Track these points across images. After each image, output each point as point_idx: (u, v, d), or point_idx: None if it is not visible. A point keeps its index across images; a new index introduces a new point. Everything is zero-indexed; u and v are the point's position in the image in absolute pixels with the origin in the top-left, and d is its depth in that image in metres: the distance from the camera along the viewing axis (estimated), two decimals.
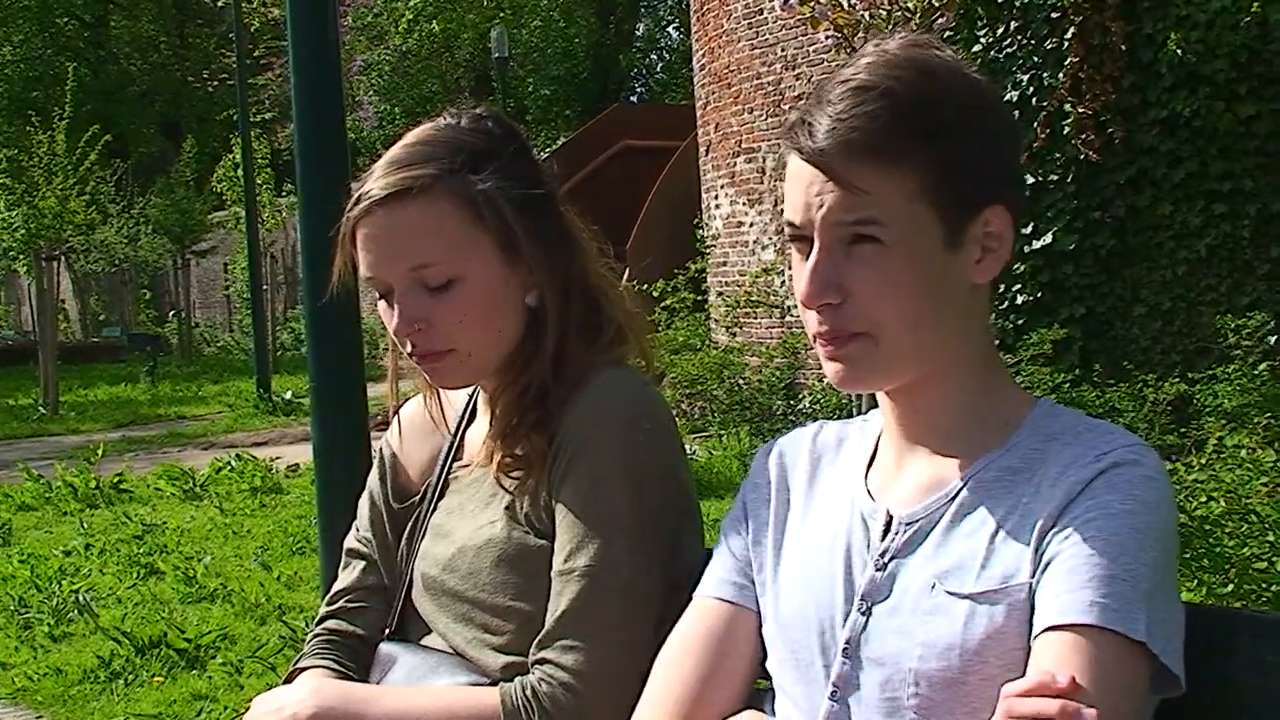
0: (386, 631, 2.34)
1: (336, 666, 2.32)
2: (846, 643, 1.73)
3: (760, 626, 1.89)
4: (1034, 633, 1.57)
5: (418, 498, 2.37)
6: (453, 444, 2.37)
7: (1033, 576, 1.60)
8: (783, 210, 1.77)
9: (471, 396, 2.40)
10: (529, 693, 2.02)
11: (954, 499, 1.71)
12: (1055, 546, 1.59)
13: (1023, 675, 1.48)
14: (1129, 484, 1.60)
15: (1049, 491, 1.64)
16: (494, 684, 2.08)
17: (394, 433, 2.47)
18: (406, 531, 2.36)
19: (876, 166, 1.65)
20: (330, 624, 2.39)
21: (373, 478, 2.47)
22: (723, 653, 1.88)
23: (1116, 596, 1.53)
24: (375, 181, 2.14)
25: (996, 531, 1.65)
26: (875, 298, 1.68)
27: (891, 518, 1.76)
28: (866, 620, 1.72)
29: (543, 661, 2.04)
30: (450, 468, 2.35)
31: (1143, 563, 1.55)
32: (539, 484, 2.14)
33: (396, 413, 2.51)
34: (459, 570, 2.19)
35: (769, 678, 1.88)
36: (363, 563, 2.42)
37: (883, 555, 1.74)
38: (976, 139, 1.70)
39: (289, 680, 2.31)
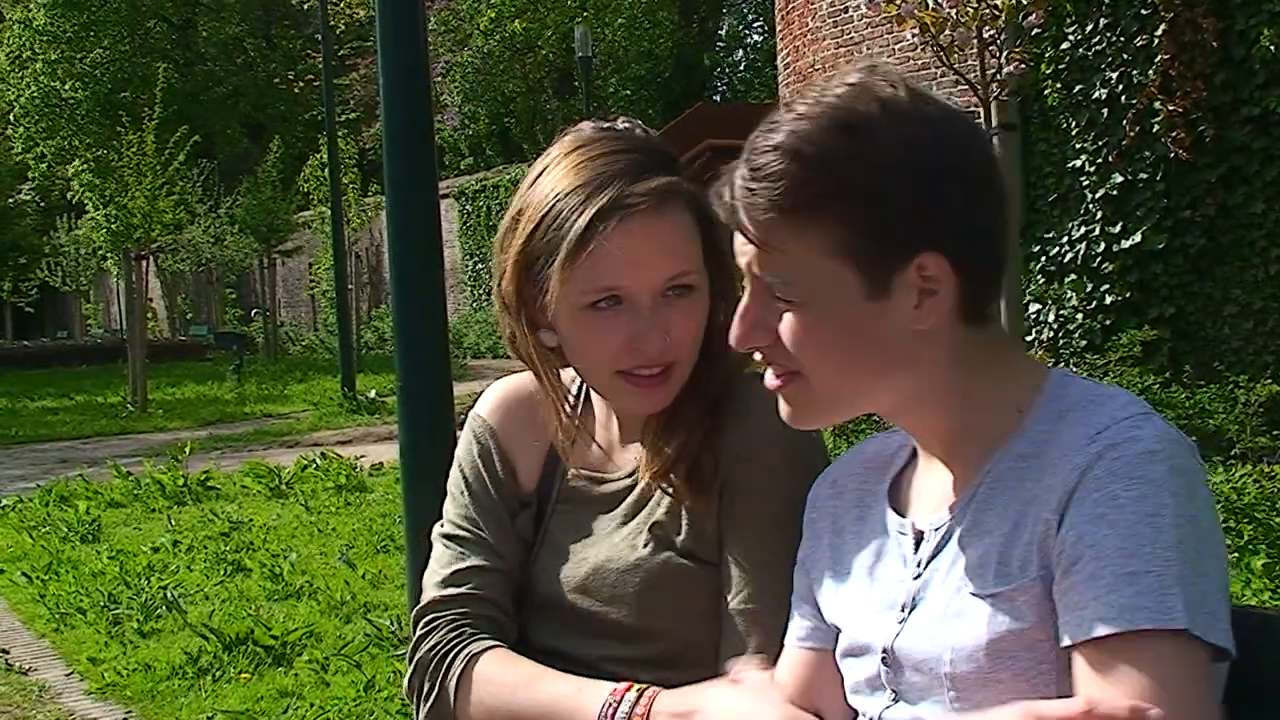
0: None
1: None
2: (885, 651, 1.73)
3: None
4: (1066, 643, 1.54)
5: (528, 503, 2.23)
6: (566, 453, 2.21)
7: (1043, 570, 1.58)
8: None
9: (579, 403, 2.25)
10: None
11: (973, 498, 1.70)
12: (1072, 549, 1.55)
13: (1052, 668, 1.56)
14: (1129, 466, 1.56)
15: (1051, 479, 1.60)
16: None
17: (494, 414, 2.28)
18: (519, 538, 2.21)
19: (782, 226, 1.64)
20: (469, 608, 2.14)
21: (471, 458, 2.26)
22: (813, 698, 1.88)
23: (1146, 592, 1.50)
24: (624, 188, 2.00)
25: (1009, 526, 1.63)
26: (795, 346, 1.69)
27: (921, 532, 1.75)
28: (901, 629, 1.72)
29: None
30: (566, 476, 2.21)
31: (1165, 546, 1.51)
32: (706, 507, 2.06)
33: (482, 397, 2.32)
34: (598, 593, 2.09)
35: None
36: (478, 548, 2.18)
37: (918, 565, 1.74)
38: (898, 191, 1.63)
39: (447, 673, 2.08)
